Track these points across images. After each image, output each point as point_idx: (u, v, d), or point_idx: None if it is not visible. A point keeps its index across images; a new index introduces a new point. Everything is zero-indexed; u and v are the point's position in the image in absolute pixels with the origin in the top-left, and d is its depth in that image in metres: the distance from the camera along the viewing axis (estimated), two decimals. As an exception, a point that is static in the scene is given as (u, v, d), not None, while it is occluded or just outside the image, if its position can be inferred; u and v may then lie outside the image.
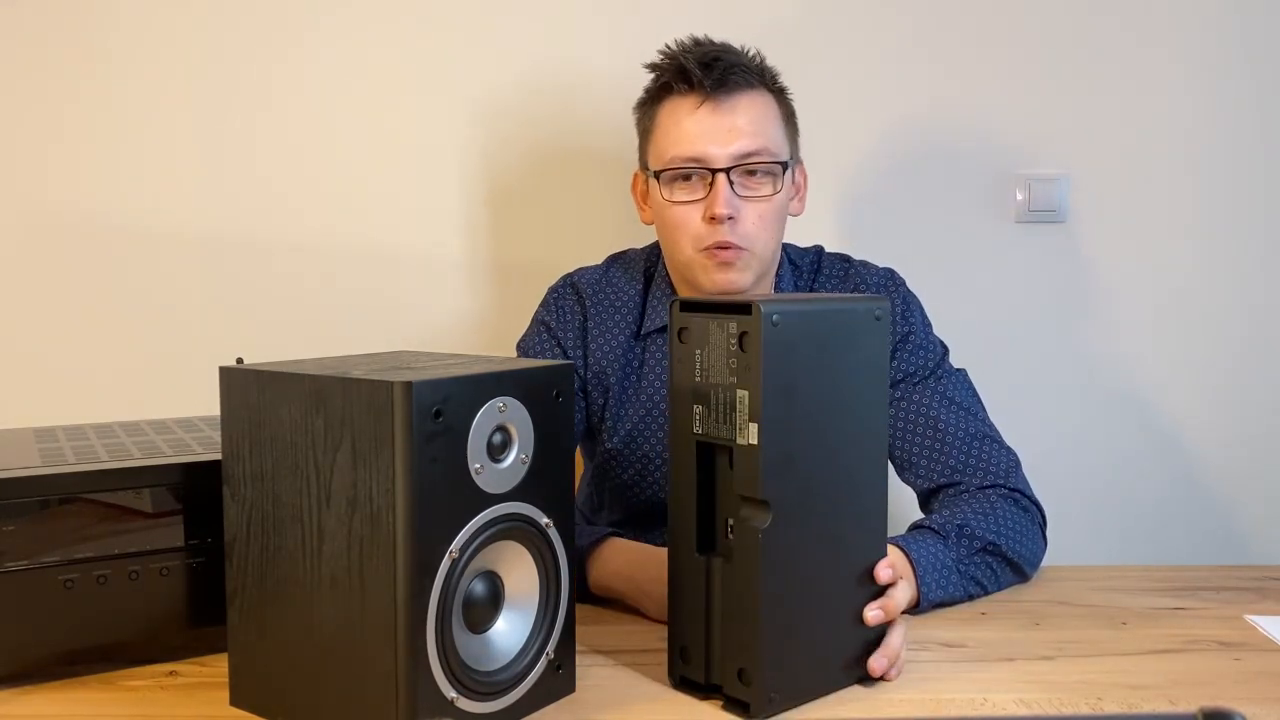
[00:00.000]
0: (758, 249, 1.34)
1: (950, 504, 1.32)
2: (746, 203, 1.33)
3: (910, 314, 1.42)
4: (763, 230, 1.34)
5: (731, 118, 1.32)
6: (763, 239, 1.34)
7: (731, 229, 1.32)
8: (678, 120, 1.34)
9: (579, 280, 1.48)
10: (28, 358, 1.83)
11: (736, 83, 1.33)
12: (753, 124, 1.33)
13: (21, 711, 0.96)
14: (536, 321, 1.48)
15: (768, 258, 1.37)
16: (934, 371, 1.40)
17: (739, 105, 1.33)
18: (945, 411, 1.37)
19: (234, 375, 0.95)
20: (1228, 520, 1.90)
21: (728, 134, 1.32)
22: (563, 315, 1.46)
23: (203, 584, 1.05)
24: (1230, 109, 1.85)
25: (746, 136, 1.32)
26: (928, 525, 1.26)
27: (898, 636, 1.03)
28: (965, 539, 1.24)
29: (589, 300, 1.46)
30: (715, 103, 1.32)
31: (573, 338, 1.45)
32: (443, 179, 1.84)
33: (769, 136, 1.34)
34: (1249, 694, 1.01)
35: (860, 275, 1.45)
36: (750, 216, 1.33)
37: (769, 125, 1.35)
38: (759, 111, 1.34)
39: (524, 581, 0.95)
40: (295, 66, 1.82)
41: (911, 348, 1.40)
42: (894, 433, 1.38)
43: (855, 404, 0.99)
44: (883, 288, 1.44)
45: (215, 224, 1.83)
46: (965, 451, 1.35)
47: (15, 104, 1.81)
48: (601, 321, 1.45)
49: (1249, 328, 1.88)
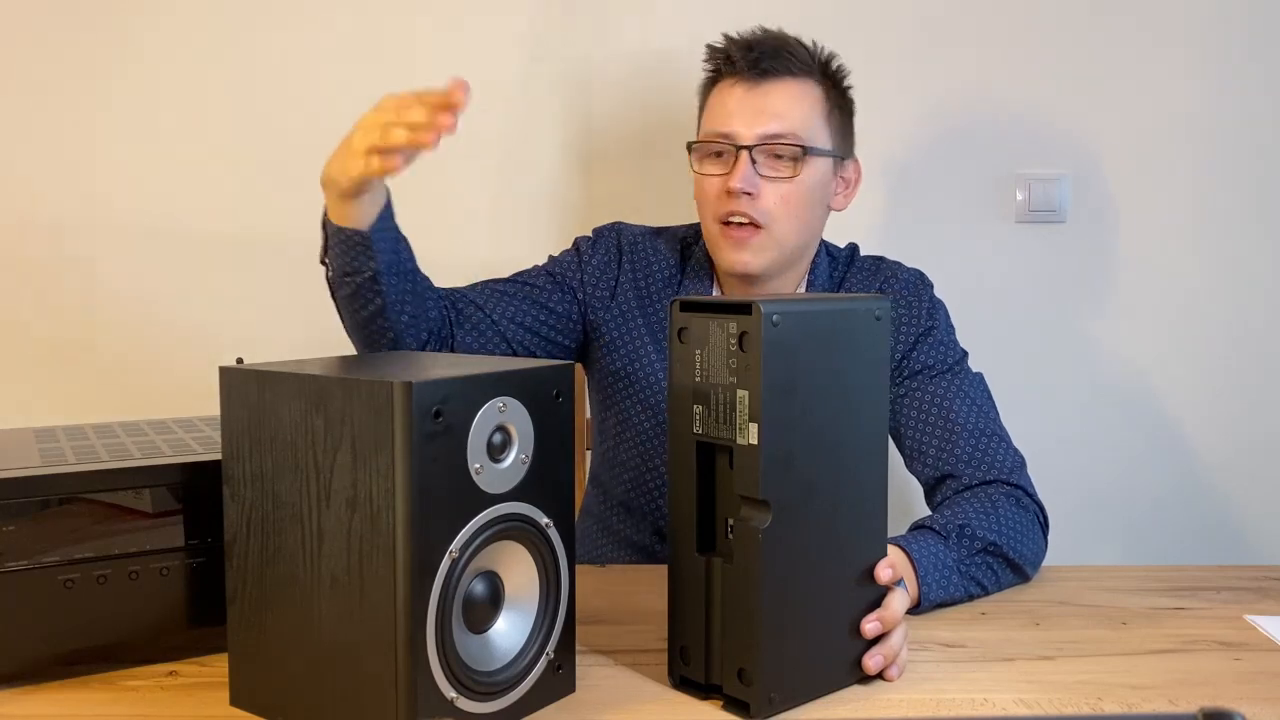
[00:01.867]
0: (776, 231, 1.37)
1: (952, 502, 1.32)
2: (768, 182, 1.37)
3: (935, 313, 1.46)
4: (785, 212, 1.37)
5: (764, 100, 1.38)
6: (784, 221, 1.37)
7: (750, 204, 1.36)
8: (718, 100, 1.41)
9: (623, 230, 1.54)
10: (28, 358, 1.83)
11: (775, 69, 1.38)
12: (785, 107, 1.37)
13: (21, 711, 0.96)
14: (577, 245, 1.53)
15: (789, 243, 1.39)
16: (953, 368, 1.42)
17: (774, 89, 1.38)
18: (959, 404, 1.39)
19: (234, 375, 0.95)
20: (1228, 520, 1.90)
21: (756, 114, 1.37)
22: (597, 251, 1.51)
23: (203, 584, 1.05)
24: (1230, 109, 1.85)
25: (775, 118, 1.37)
26: (928, 525, 1.26)
27: (898, 635, 1.03)
28: (966, 539, 1.24)
29: (626, 250, 1.51)
30: (751, 84, 1.38)
31: (595, 270, 1.49)
32: (443, 179, 1.84)
33: (799, 122, 1.37)
34: (1249, 694, 1.01)
35: (890, 271, 1.48)
36: (772, 196, 1.37)
37: (803, 112, 1.38)
38: (795, 97, 1.38)
39: (524, 581, 0.95)
40: (296, 65, 1.82)
41: (933, 342, 1.43)
42: (906, 422, 1.40)
43: (856, 404, 0.99)
44: (912, 287, 1.46)
45: (215, 223, 1.83)
46: (973, 445, 1.36)
47: (15, 103, 1.81)
48: (634, 270, 1.50)
49: (1249, 327, 1.89)
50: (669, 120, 1.83)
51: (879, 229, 1.85)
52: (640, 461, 1.50)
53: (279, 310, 1.83)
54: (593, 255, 1.50)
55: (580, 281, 1.49)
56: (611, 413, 1.52)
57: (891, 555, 1.04)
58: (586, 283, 1.49)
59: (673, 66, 1.81)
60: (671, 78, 1.82)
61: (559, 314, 1.47)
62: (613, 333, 1.48)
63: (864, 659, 1.01)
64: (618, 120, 1.86)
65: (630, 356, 1.48)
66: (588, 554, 1.56)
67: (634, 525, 1.53)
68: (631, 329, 1.48)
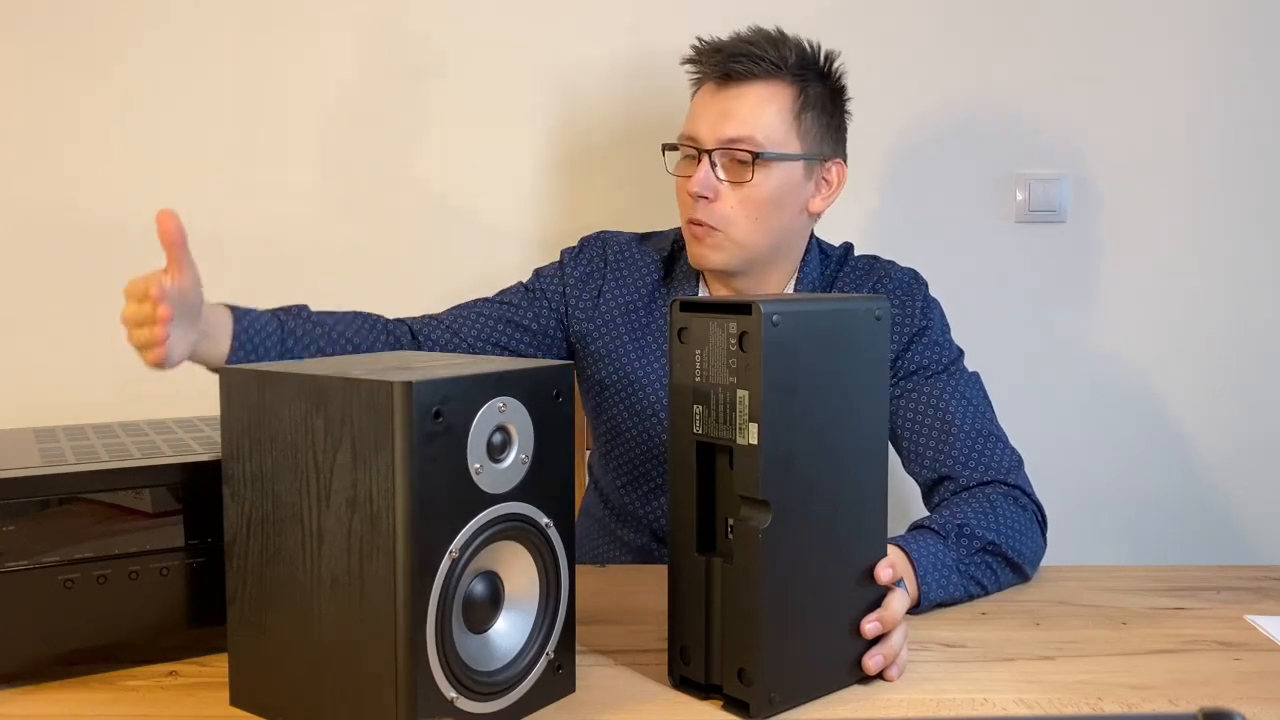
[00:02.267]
0: (734, 233, 1.38)
1: (950, 503, 1.32)
2: (728, 186, 1.38)
3: (929, 312, 1.45)
4: (743, 215, 1.38)
5: (727, 104, 1.38)
6: (741, 224, 1.38)
7: (705, 208, 1.38)
8: (694, 103, 1.43)
9: (609, 239, 1.55)
10: (28, 358, 1.83)
11: (741, 72, 1.37)
12: (745, 112, 1.37)
13: (21, 711, 0.96)
14: (561, 257, 1.54)
15: (750, 244, 1.39)
16: (948, 368, 1.42)
17: (741, 93, 1.38)
18: (955, 405, 1.39)
19: (234, 375, 0.95)
20: (1228, 520, 1.90)
21: (719, 118, 1.38)
22: (580, 262, 1.52)
23: (203, 584, 1.05)
24: (1230, 109, 1.85)
25: (735, 123, 1.37)
26: (928, 525, 1.26)
27: (898, 635, 1.03)
28: (965, 539, 1.24)
29: (611, 259, 1.52)
30: (718, 87, 1.40)
31: (578, 281, 1.50)
32: (444, 179, 1.84)
33: (760, 125, 1.37)
34: (1249, 694, 1.01)
35: (884, 271, 1.48)
36: (730, 200, 1.38)
37: (767, 116, 1.37)
38: (759, 100, 1.37)
39: (524, 581, 0.95)
40: (296, 65, 1.82)
41: (927, 342, 1.43)
42: (902, 423, 1.40)
43: (855, 403, 0.99)
44: (906, 286, 1.46)
45: (215, 223, 1.83)
46: (970, 446, 1.36)
47: (15, 103, 1.81)
48: (618, 279, 1.50)
49: (1249, 327, 1.89)
50: (663, 120, 1.83)
51: (879, 229, 1.85)
52: (633, 467, 1.50)
53: (279, 310, 1.83)
54: (575, 266, 1.51)
55: (562, 294, 1.50)
56: (602, 420, 1.52)
57: (891, 555, 1.04)
58: (569, 294, 1.49)
59: (660, 67, 1.81)
60: (662, 78, 1.82)
61: (534, 330, 1.48)
62: (597, 342, 1.49)
63: (864, 659, 1.01)
64: (607, 121, 1.86)
65: (616, 365, 1.48)
66: (588, 554, 1.56)
67: (630, 528, 1.53)
68: (615, 337, 1.48)
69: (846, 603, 1.00)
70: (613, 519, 1.55)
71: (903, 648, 1.03)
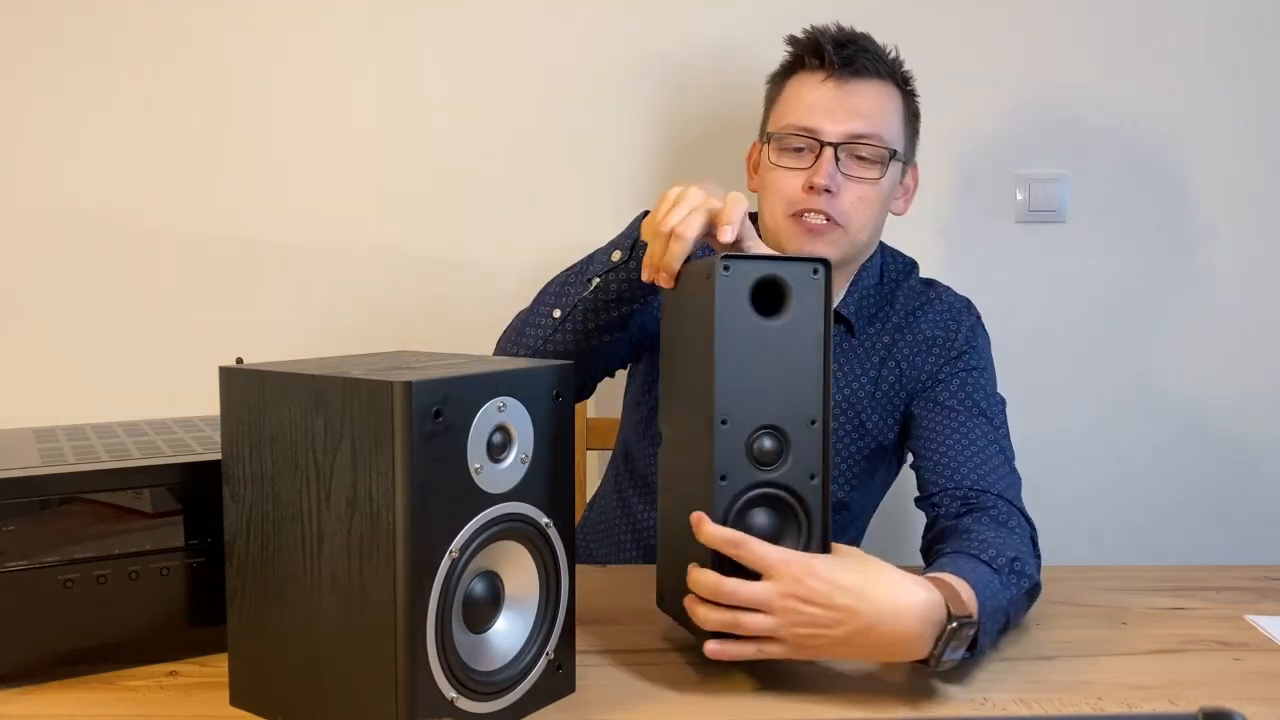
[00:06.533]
0: (851, 229, 1.37)
1: (978, 526, 1.20)
2: (849, 181, 1.36)
3: (974, 339, 1.43)
4: (860, 211, 1.36)
5: (852, 98, 1.36)
6: (859, 220, 1.37)
7: (829, 201, 1.35)
8: (802, 92, 1.38)
9: None
10: (28, 358, 1.83)
11: (865, 68, 1.36)
12: (872, 109, 1.36)
13: (21, 711, 0.96)
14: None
15: (860, 241, 1.39)
16: (985, 413, 1.36)
17: (862, 89, 1.36)
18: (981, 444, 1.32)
19: (234, 375, 0.95)
20: (1228, 520, 1.90)
21: (845, 112, 1.35)
22: None
23: (203, 584, 1.05)
24: (1230, 109, 1.85)
25: (862, 119, 1.35)
26: (974, 554, 1.12)
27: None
28: (1015, 576, 1.11)
29: None
30: (840, 81, 1.36)
31: None
32: (445, 179, 1.84)
33: (885, 124, 1.37)
34: (1249, 694, 1.01)
35: (938, 293, 1.47)
36: (850, 195, 1.36)
37: (888, 115, 1.38)
38: (881, 100, 1.37)
39: (524, 581, 0.95)
40: (297, 65, 1.82)
41: (976, 375, 1.38)
42: (924, 438, 1.35)
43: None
44: (955, 310, 1.45)
45: (215, 223, 1.83)
46: (989, 465, 1.29)
47: (15, 103, 1.81)
48: None
49: (1249, 327, 1.88)
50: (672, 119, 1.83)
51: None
52: None
53: (279, 310, 1.83)
54: None
55: None
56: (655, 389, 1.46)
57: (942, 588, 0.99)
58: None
59: (669, 63, 1.81)
60: (674, 76, 1.82)
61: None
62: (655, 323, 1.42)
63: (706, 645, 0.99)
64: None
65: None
66: (603, 544, 1.53)
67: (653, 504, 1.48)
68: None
69: None
70: (637, 495, 1.49)
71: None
